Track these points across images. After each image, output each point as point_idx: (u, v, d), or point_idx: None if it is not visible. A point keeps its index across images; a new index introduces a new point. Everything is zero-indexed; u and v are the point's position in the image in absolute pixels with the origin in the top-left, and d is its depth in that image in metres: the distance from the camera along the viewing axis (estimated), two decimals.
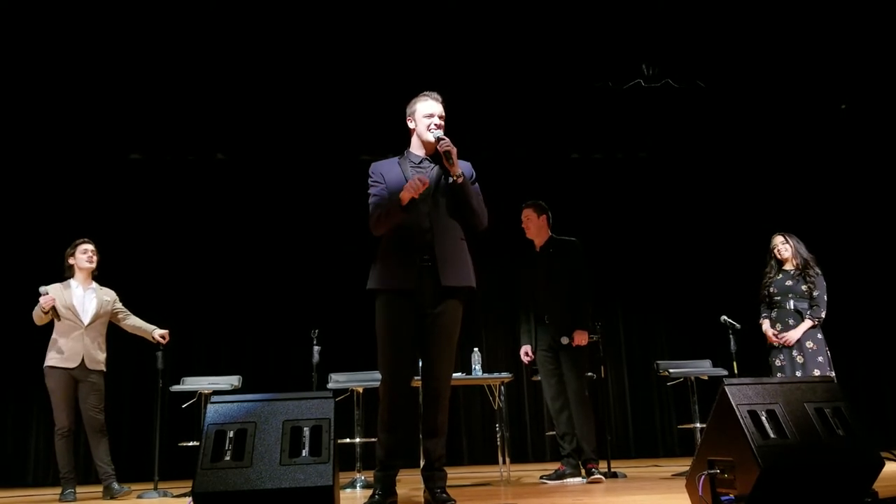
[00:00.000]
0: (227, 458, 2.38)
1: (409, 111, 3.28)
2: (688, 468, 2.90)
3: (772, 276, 4.78)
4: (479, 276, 3.22)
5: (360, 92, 6.76)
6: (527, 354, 4.69)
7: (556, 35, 6.36)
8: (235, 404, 2.52)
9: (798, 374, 4.44)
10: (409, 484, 4.22)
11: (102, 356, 4.79)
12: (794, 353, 4.52)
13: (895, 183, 7.56)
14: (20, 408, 6.87)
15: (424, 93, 3.27)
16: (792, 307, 4.61)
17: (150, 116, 6.94)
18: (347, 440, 5.26)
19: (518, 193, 5.18)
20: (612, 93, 6.98)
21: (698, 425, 5.30)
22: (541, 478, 4.57)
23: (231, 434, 2.43)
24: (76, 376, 4.65)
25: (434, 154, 3.18)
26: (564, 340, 4.47)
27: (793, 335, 4.55)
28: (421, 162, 3.22)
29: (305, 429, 2.45)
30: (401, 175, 3.17)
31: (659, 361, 5.74)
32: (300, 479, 2.34)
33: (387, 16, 6.03)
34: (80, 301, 4.75)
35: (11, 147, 7.06)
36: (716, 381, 5.00)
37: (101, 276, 4.96)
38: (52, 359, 4.64)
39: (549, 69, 6.74)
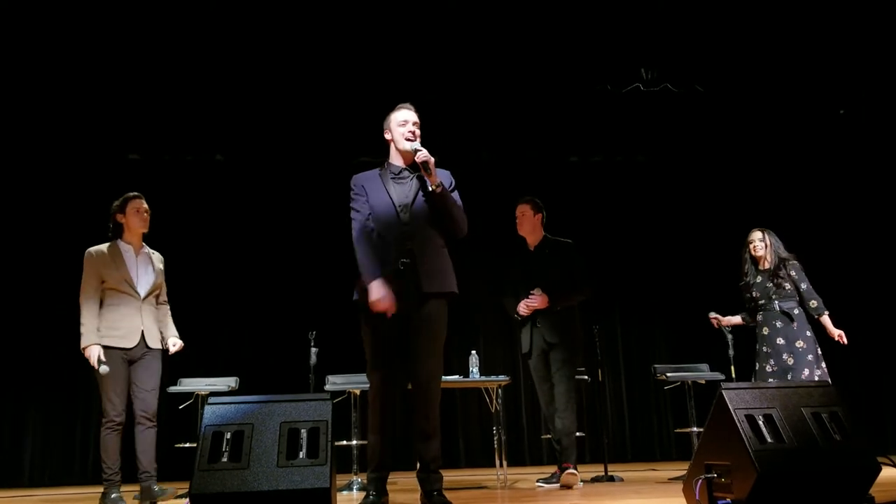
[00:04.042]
0: (225, 459, 2.38)
1: (385, 125, 3.35)
2: (685, 472, 2.90)
3: (749, 278, 4.74)
4: (476, 280, 3.23)
5: (359, 94, 6.75)
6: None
7: (556, 38, 6.37)
8: (233, 406, 2.52)
9: (789, 376, 4.41)
10: (406, 487, 4.22)
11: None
12: (784, 356, 4.47)
13: (893, 187, 7.58)
14: (17, 407, 6.84)
15: (398, 105, 3.35)
16: (778, 308, 4.55)
17: (148, 116, 6.92)
18: (344, 442, 5.26)
19: (516, 196, 5.16)
20: (610, 96, 6.99)
21: (695, 429, 5.31)
22: (537, 482, 4.57)
23: (228, 435, 2.43)
24: (132, 357, 3.94)
25: (412, 164, 3.23)
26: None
27: (835, 332, 4.51)
28: (400, 172, 3.27)
29: (303, 431, 2.45)
30: (382, 189, 3.22)
31: (656, 365, 5.74)
32: (297, 480, 2.34)
33: (386, 18, 6.03)
34: (133, 269, 4.03)
35: (8, 147, 7.04)
36: (713, 386, 5.00)
37: None
38: (105, 338, 3.87)
39: (549, 72, 6.75)
